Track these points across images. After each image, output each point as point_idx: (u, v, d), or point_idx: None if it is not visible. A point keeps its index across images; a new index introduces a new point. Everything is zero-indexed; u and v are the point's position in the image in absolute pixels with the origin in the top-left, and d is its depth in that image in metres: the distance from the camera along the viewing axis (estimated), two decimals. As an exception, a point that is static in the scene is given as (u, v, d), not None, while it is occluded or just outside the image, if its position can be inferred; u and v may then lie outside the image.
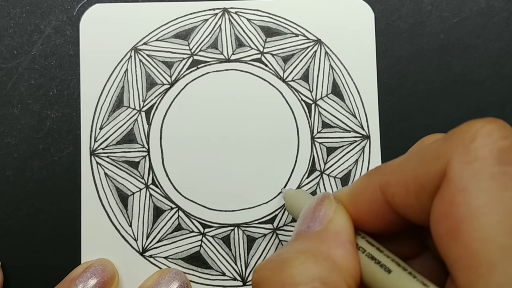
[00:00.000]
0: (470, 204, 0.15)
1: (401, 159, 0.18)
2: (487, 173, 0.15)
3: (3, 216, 0.29)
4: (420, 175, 0.17)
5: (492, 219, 0.15)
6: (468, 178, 0.16)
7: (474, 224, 0.15)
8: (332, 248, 0.18)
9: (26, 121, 0.30)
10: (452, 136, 0.17)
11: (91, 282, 0.27)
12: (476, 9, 0.30)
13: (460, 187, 0.16)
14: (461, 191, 0.16)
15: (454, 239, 0.16)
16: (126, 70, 0.30)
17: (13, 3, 0.30)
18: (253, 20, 0.30)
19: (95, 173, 0.29)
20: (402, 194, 0.18)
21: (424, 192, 0.17)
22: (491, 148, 0.16)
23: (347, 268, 0.18)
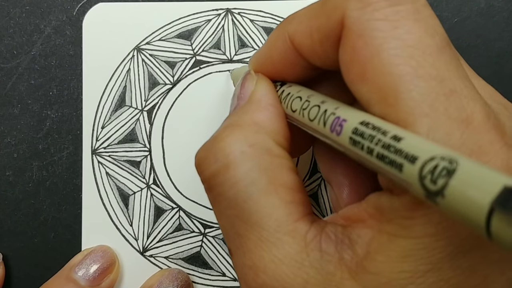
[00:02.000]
0: (370, 46, 0.17)
1: (306, 9, 0.20)
2: (380, 15, 0.17)
3: (3, 216, 0.29)
4: (322, 25, 0.18)
5: (390, 54, 0.16)
6: (364, 23, 0.17)
7: (376, 62, 0.16)
8: (255, 114, 0.20)
9: (26, 121, 0.29)
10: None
11: (91, 268, 0.27)
12: (476, 9, 0.30)
13: (358, 32, 0.17)
14: (359, 36, 0.17)
15: (363, 80, 0.17)
16: (129, 69, 0.30)
17: (13, 3, 0.30)
18: (256, 21, 0.30)
19: (96, 172, 0.29)
20: (308, 43, 0.19)
21: (327, 41, 0.18)
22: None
23: (272, 128, 0.20)
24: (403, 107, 0.16)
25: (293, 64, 0.21)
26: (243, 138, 0.19)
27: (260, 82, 0.21)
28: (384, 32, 0.17)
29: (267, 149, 0.19)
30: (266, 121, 0.20)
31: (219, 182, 0.19)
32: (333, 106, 0.18)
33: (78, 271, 0.27)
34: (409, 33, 0.16)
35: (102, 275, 0.27)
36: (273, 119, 0.20)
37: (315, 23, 0.19)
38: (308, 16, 0.19)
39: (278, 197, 0.18)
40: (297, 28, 0.20)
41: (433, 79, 0.16)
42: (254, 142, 0.19)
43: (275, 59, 0.21)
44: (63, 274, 0.27)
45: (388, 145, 0.15)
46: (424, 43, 0.16)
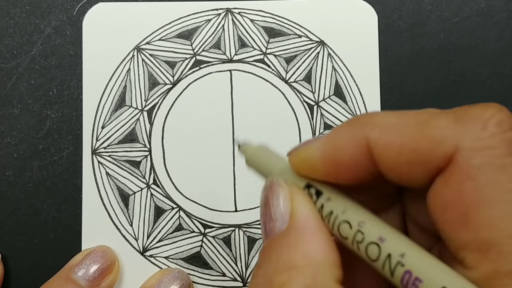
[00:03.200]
0: (480, 193, 0.15)
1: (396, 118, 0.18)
2: (497, 163, 0.16)
3: (3, 216, 0.29)
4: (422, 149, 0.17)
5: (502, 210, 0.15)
6: (478, 166, 0.16)
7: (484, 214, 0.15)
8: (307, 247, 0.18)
9: (26, 121, 0.29)
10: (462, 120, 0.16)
11: (91, 268, 0.27)
12: (476, 9, 0.30)
13: (470, 175, 0.16)
14: (470, 180, 0.16)
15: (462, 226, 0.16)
16: (129, 69, 0.30)
17: (13, 3, 0.30)
18: (256, 21, 0.30)
19: (97, 172, 0.29)
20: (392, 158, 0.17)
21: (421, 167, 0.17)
22: (502, 137, 0.16)
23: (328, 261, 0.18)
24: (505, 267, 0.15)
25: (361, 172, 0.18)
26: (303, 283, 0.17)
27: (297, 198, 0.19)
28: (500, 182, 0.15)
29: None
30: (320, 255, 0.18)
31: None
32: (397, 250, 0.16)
33: (78, 271, 0.27)
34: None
35: (102, 275, 0.27)
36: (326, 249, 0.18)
37: (411, 141, 0.17)
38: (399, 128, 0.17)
39: None
40: (381, 137, 0.17)
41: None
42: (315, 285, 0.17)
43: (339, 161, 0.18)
44: (63, 274, 0.27)
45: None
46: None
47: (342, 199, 0.18)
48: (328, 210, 0.18)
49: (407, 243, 0.17)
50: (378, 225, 0.17)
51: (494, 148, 0.16)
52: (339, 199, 0.18)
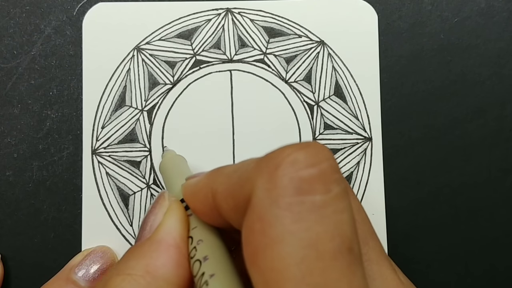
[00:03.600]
0: (266, 234, 0.15)
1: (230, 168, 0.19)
2: (284, 203, 0.15)
3: (3, 217, 0.29)
4: (235, 194, 0.17)
5: (284, 250, 0.15)
6: (267, 206, 0.15)
7: (268, 254, 0.15)
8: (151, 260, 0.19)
9: (26, 121, 0.29)
10: (262, 161, 0.17)
11: (91, 269, 0.27)
12: (476, 9, 0.30)
13: (259, 214, 0.16)
14: (259, 219, 0.16)
15: (253, 264, 0.16)
16: (129, 69, 0.30)
17: (13, 3, 0.30)
18: (256, 21, 0.30)
19: (97, 172, 0.29)
20: (225, 207, 0.18)
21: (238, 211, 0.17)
22: (291, 177, 0.15)
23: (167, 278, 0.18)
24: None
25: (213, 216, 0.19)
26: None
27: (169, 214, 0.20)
28: (283, 224, 0.15)
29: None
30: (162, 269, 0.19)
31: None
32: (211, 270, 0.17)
33: (78, 271, 0.27)
34: (307, 231, 0.15)
35: (102, 276, 0.27)
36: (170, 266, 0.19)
37: (231, 189, 0.18)
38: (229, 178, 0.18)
39: None
40: (218, 188, 0.18)
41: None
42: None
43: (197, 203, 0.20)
44: (63, 275, 0.27)
45: None
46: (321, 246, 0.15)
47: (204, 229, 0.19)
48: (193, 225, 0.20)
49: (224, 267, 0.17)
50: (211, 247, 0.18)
51: (282, 188, 0.15)
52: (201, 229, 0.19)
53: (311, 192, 0.15)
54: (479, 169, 0.30)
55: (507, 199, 0.30)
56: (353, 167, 0.30)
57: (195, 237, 0.19)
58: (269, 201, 0.15)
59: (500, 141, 0.30)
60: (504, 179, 0.30)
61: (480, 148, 0.30)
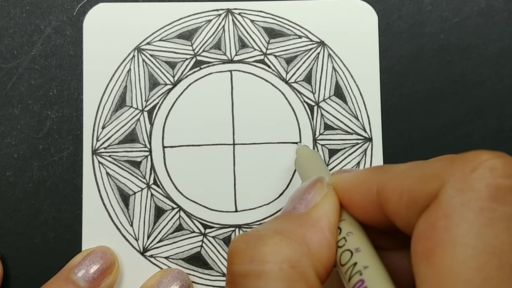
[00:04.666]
0: (451, 231, 0.15)
1: (404, 167, 0.19)
2: (476, 206, 0.15)
3: (3, 217, 0.29)
4: (415, 189, 0.17)
5: (467, 252, 0.15)
6: (457, 205, 0.16)
7: (449, 252, 0.15)
8: (309, 233, 0.19)
9: (26, 121, 0.29)
10: (455, 160, 0.17)
11: (91, 269, 0.27)
12: (476, 9, 0.30)
13: (446, 212, 0.16)
14: (445, 216, 0.16)
15: (426, 260, 0.16)
16: (129, 69, 0.30)
17: (13, 3, 0.30)
18: (256, 21, 0.30)
19: (97, 172, 0.29)
20: (395, 202, 0.18)
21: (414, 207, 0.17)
22: (488, 182, 0.16)
23: (319, 255, 0.18)
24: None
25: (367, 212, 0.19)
26: (288, 254, 0.18)
27: (328, 198, 0.20)
28: (472, 226, 0.15)
29: (305, 278, 0.18)
30: (316, 246, 0.19)
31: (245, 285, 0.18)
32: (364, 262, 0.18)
33: (77, 272, 0.27)
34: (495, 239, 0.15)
35: (101, 276, 0.27)
36: (324, 246, 0.19)
37: (409, 184, 0.18)
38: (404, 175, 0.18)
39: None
40: (389, 183, 0.18)
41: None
42: (296, 264, 0.18)
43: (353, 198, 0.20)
44: (63, 275, 0.27)
45: None
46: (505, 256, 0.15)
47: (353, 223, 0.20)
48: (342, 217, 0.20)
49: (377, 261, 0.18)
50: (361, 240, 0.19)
51: (477, 191, 0.16)
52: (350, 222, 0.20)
53: (504, 202, 0.15)
54: (479, 169, 0.30)
55: (507, 199, 0.30)
56: (353, 168, 0.30)
57: (344, 229, 0.19)
58: (460, 201, 0.16)
59: (500, 141, 0.30)
60: (504, 179, 0.30)
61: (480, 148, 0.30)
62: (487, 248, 0.15)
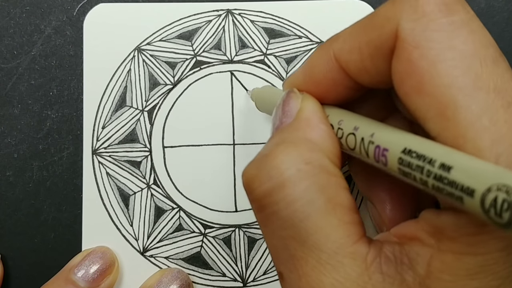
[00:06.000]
0: (426, 57, 0.16)
1: (352, 27, 0.19)
2: (435, 26, 0.16)
3: (3, 217, 0.29)
4: (373, 39, 0.18)
5: (448, 65, 0.16)
6: (419, 34, 0.17)
7: (434, 74, 0.16)
8: (307, 132, 0.19)
9: (26, 121, 0.29)
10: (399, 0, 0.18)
11: (90, 269, 0.27)
12: (476, 9, 0.30)
13: (414, 44, 0.17)
14: (415, 48, 0.17)
15: (419, 93, 0.16)
16: (129, 70, 0.30)
17: (13, 3, 0.30)
18: (256, 22, 0.30)
19: (97, 172, 0.29)
20: (357, 59, 0.19)
21: (378, 55, 0.18)
22: (435, 2, 0.17)
23: (326, 146, 0.19)
24: (462, 121, 0.15)
25: (337, 85, 0.20)
26: (298, 155, 0.18)
27: (306, 100, 0.20)
28: (440, 43, 0.16)
29: (324, 168, 0.18)
30: (319, 139, 0.19)
31: (273, 201, 0.18)
32: (368, 132, 0.18)
33: (77, 272, 0.27)
34: (465, 44, 0.16)
35: (101, 276, 0.27)
36: (326, 137, 0.19)
37: (364, 37, 0.18)
38: (354, 32, 0.19)
39: (337, 217, 0.17)
40: (343, 46, 0.19)
41: (492, 91, 0.16)
42: (310, 160, 0.18)
43: (316, 79, 0.20)
44: (63, 275, 0.27)
45: (440, 176, 0.15)
46: (480, 54, 0.16)
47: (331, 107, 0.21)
48: None
49: (377, 125, 0.18)
50: (353, 118, 0.19)
51: (430, 13, 0.17)
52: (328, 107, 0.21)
53: (455, 12, 0.17)
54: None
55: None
56: None
57: (334, 120, 0.20)
58: (421, 28, 0.17)
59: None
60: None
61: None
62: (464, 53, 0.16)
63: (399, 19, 0.17)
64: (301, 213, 0.17)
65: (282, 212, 0.17)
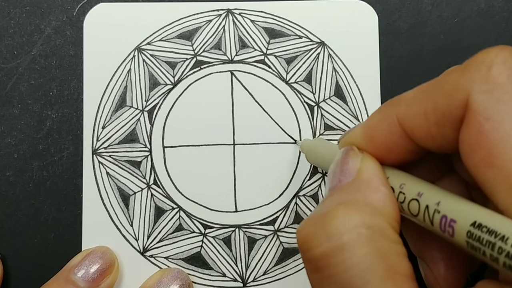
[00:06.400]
0: (498, 130, 0.16)
1: (417, 91, 0.19)
2: (508, 98, 0.16)
3: (3, 217, 0.29)
4: (441, 106, 0.18)
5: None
6: (491, 106, 0.16)
7: (505, 148, 0.16)
8: (368, 195, 0.19)
9: (26, 121, 0.29)
10: (469, 67, 0.17)
11: (90, 269, 0.27)
12: (476, 9, 0.30)
13: (485, 115, 0.16)
14: (487, 120, 0.16)
15: (489, 165, 0.16)
16: (129, 69, 0.30)
17: (13, 3, 0.30)
18: (256, 22, 0.30)
19: (97, 172, 0.29)
20: (422, 125, 0.18)
21: (446, 123, 0.18)
22: (508, 74, 0.16)
23: (387, 210, 0.19)
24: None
25: (399, 148, 0.20)
26: (359, 218, 0.18)
27: (367, 160, 0.20)
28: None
29: (384, 233, 0.18)
30: (380, 203, 0.19)
31: (331, 264, 0.17)
32: (434, 200, 0.18)
33: (77, 272, 0.27)
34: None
35: (101, 276, 0.27)
36: (387, 201, 0.19)
37: (430, 103, 0.18)
38: (420, 97, 0.19)
39: (396, 286, 0.17)
40: (407, 110, 0.19)
41: None
42: (371, 224, 0.18)
43: (377, 141, 0.20)
44: (62, 275, 0.27)
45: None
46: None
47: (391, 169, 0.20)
48: None
49: (443, 193, 0.18)
50: (416, 183, 0.19)
51: (503, 85, 0.16)
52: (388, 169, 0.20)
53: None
54: (479, 169, 0.30)
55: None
56: None
57: (395, 183, 0.19)
58: (493, 100, 0.16)
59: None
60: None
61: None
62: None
63: (470, 89, 0.17)
64: (359, 279, 0.17)
65: (340, 276, 0.17)
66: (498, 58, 0.17)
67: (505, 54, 0.17)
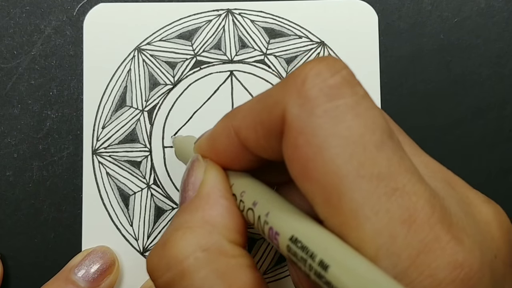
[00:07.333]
0: (311, 144, 0.16)
1: (251, 103, 0.19)
2: (320, 111, 0.16)
3: (3, 217, 0.29)
4: (264, 120, 0.18)
5: (332, 153, 0.16)
6: (305, 119, 0.16)
7: (318, 161, 0.16)
8: (206, 211, 0.19)
9: (26, 121, 0.29)
10: (287, 81, 0.17)
11: (91, 269, 0.27)
12: (476, 9, 0.30)
13: (299, 129, 0.16)
14: (300, 134, 0.16)
15: (306, 179, 0.16)
16: (129, 70, 0.30)
17: (13, 3, 0.30)
18: (256, 22, 0.30)
19: (97, 172, 0.29)
20: (253, 137, 0.19)
21: (271, 136, 0.18)
22: (320, 87, 0.16)
23: (225, 224, 0.19)
24: (346, 210, 0.15)
25: (239, 157, 0.20)
26: (195, 242, 0.18)
27: (209, 171, 0.20)
28: (324, 129, 0.16)
29: (222, 251, 0.18)
30: (218, 218, 0.19)
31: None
32: (264, 210, 0.18)
33: (77, 272, 0.27)
34: (349, 130, 0.16)
35: (101, 276, 0.27)
36: (225, 214, 0.19)
37: (258, 117, 0.18)
38: (251, 110, 0.19)
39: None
40: (241, 123, 0.19)
41: (375, 178, 0.15)
42: (207, 245, 0.18)
43: (219, 150, 0.21)
44: (63, 275, 0.27)
45: (319, 274, 0.15)
46: (365, 139, 0.16)
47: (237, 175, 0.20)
48: None
49: (276, 202, 0.18)
50: (254, 191, 0.19)
51: (314, 98, 0.16)
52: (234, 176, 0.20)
53: (341, 96, 0.16)
54: (479, 169, 0.30)
55: (507, 199, 0.30)
56: None
57: (237, 191, 0.20)
58: (305, 114, 0.16)
59: (500, 141, 0.30)
60: (504, 179, 0.30)
61: (480, 148, 0.30)
62: (347, 140, 0.16)
63: (286, 104, 0.17)
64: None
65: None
66: (312, 71, 0.17)
67: (320, 67, 0.17)
